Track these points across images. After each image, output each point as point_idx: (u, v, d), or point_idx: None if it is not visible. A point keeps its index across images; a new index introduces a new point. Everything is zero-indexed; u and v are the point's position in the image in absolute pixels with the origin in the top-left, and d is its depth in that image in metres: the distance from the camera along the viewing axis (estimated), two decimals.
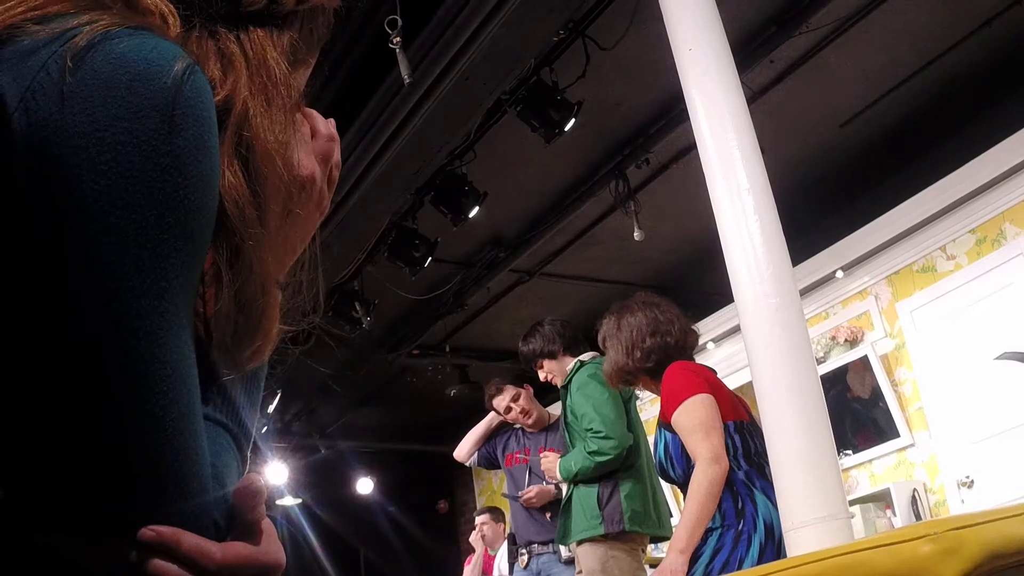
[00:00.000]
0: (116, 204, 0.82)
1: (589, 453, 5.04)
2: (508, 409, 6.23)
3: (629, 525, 4.98)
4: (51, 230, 0.82)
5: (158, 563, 0.85)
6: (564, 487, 5.43)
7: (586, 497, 5.08)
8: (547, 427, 6.27)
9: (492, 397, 6.28)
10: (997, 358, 6.37)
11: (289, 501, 12.70)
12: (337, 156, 1.17)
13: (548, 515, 6.01)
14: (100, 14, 0.90)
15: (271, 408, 10.70)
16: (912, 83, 6.98)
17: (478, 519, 9.12)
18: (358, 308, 8.69)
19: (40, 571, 0.83)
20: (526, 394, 6.24)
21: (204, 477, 0.89)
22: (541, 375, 5.72)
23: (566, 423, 5.34)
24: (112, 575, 0.85)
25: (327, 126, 1.15)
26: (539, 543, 6.07)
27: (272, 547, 0.95)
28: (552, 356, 5.61)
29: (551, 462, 5.43)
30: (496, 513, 9.15)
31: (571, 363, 5.46)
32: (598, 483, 5.07)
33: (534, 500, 6.00)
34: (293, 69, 1.10)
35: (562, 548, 5.78)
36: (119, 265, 0.82)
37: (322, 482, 13.06)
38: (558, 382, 5.57)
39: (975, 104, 7.12)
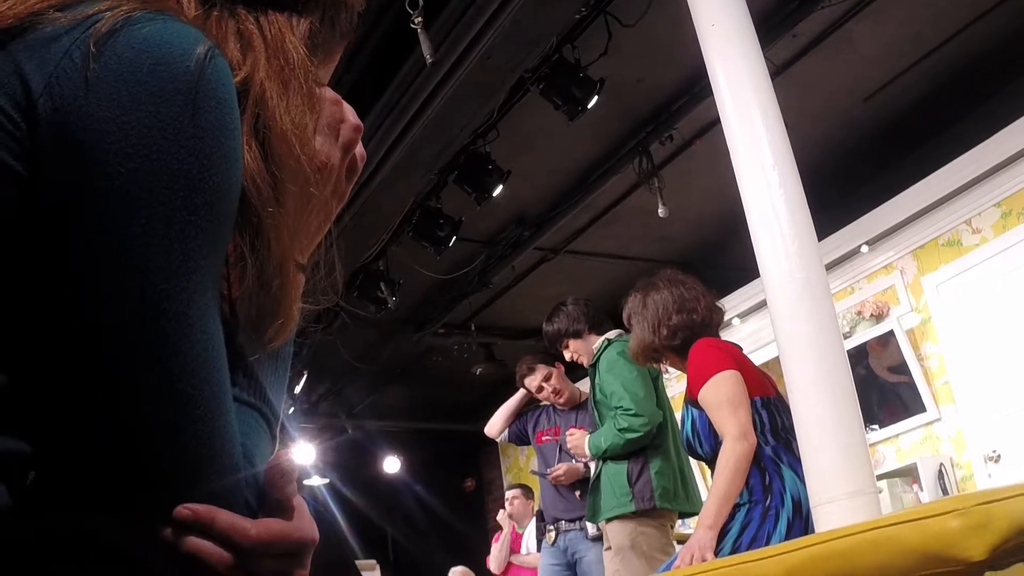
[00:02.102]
0: (143, 187, 0.83)
1: (619, 430, 5.05)
2: (540, 389, 6.23)
3: (659, 502, 4.99)
4: (79, 213, 0.83)
5: (193, 540, 0.86)
6: (592, 465, 5.43)
7: (615, 475, 5.09)
8: (578, 405, 6.27)
9: (524, 376, 6.27)
10: None
11: (316, 481, 12.76)
12: (360, 148, 1.17)
13: (578, 493, 6.01)
14: (120, 0, 0.91)
15: (298, 389, 10.74)
16: (936, 56, 6.94)
17: (509, 493, 9.15)
18: (383, 288, 8.70)
19: (77, 552, 0.84)
20: (558, 373, 6.24)
21: (235, 456, 0.91)
22: (567, 355, 5.72)
23: (595, 401, 5.35)
24: (148, 554, 0.86)
25: (355, 117, 1.15)
26: (567, 520, 6.08)
27: (304, 523, 0.96)
28: (578, 335, 5.60)
29: (578, 439, 5.44)
30: (527, 490, 9.17)
31: (597, 342, 5.46)
32: (627, 460, 5.08)
33: (563, 478, 6.00)
34: (312, 56, 1.11)
35: (589, 525, 5.78)
36: (148, 247, 0.83)
37: (349, 462, 13.10)
38: (584, 361, 5.57)
39: (999, 77, 7.07)
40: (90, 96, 0.84)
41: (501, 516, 9.12)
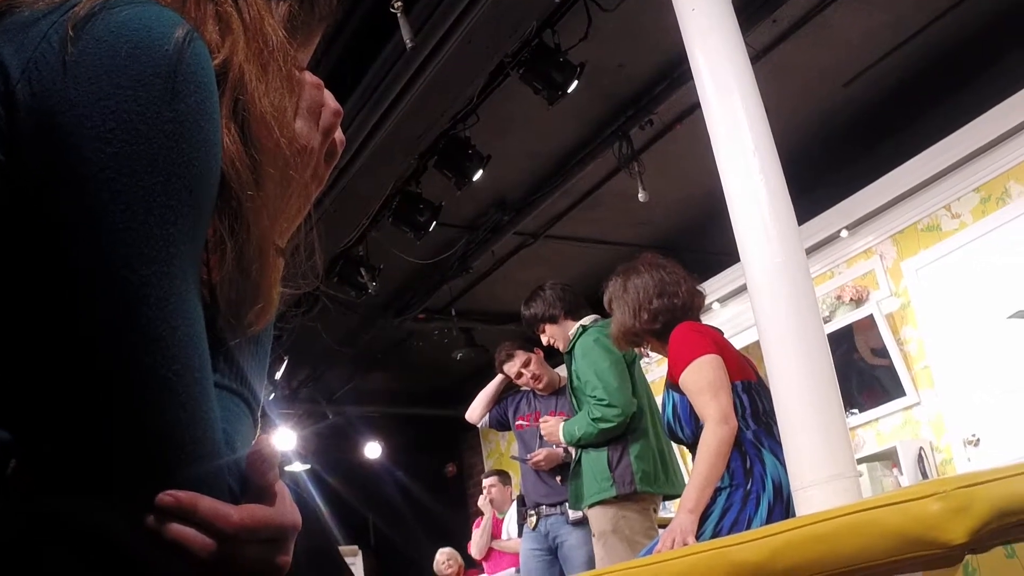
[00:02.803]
0: (122, 171, 0.83)
1: (592, 420, 5.06)
2: (519, 375, 6.23)
3: (640, 485, 5.00)
4: (59, 199, 0.82)
5: (176, 527, 0.86)
6: (572, 450, 5.46)
7: (596, 461, 5.09)
8: (558, 390, 6.28)
9: (503, 363, 6.28)
10: (1011, 316, 6.33)
11: (297, 467, 12.75)
12: (340, 133, 1.16)
13: (558, 478, 6.02)
14: None
15: (278, 375, 10.73)
16: (916, 41, 6.95)
17: (485, 481, 9.15)
18: (363, 273, 8.69)
19: (62, 537, 0.83)
20: (536, 359, 6.24)
21: (217, 442, 0.90)
22: (543, 339, 5.74)
23: (572, 388, 5.35)
24: (131, 540, 0.85)
25: (334, 102, 1.15)
26: (547, 505, 6.09)
27: (287, 509, 0.96)
28: (553, 320, 5.62)
29: (552, 426, 5.45)
30: (504, 476, 9.18)
31: (573, 327, 5.47)
32: (607, 446, 5.08)
33: (542, 463, 6.01)
34: (291, 39, 1.10)
35: (570, 510, 5.80)
36: (128, 232, 0.83)
37: (330, 448, 13.10)
38: (560, 346, 5.58)
39: (979, 62, 7.09)
40: (68, 81, 0.83)
41: (481, 502, 9.13)
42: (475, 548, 9.09)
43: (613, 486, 5.01)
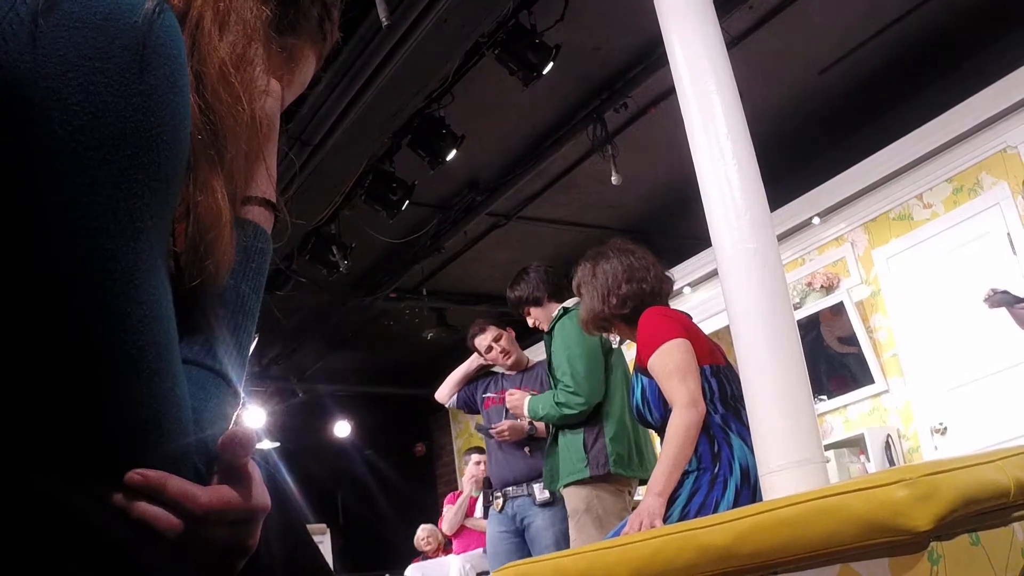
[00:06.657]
0: (89, 145, 0.82)
1: (556, 403, 5.11)
2: (489, 348, 6.23)
3: (614, 467, 5.02)
4: (24, 172, 0.81)
5: (144, 506, 0.86)
6: (539, 425, 5.49)
7: (572, 442, 5.11)
8: (524, 370, 6.29)
9: (474, 336, 6.28)
10: (985, 300, 6.35)
11: (267, 445, 12.72)
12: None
13: (527, 448, 6.01)
14: None
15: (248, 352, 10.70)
16: (892, 31, 6.96)
17: (476, 456, 9.09)
18: (335, 251, 8.67)
19: (26, 513, 0.82)
20: (508, 336, 6.25)
21: (184, 420, 0.90)
22: (529, 322, 5.76)
23: (550, 367, 5.36)
24: (98, 518, 0.84)
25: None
26: (514, 486, 6.08)
27: (257, 491, 0.96)
28: (538, 303, 5.64)
29: (518, 399, 5.47)
30: None
31: (556, 309, 5.48)
32: (583, 428, 5.11)
33: (507, 434, 5.98)
34: (281, 33, 1.11)
35: (536, 490, 5.81)
36: (93, 206, 0.82)
37: (299, 426, 13.07)
38: (545, 328, 5.59)
39: (954, 53, 7.11)
40: (37, 52, 0.82)
41: (466, 478, 9.14)
42: (447, 524, 9.11)
43: (587, 467, 5.03)
